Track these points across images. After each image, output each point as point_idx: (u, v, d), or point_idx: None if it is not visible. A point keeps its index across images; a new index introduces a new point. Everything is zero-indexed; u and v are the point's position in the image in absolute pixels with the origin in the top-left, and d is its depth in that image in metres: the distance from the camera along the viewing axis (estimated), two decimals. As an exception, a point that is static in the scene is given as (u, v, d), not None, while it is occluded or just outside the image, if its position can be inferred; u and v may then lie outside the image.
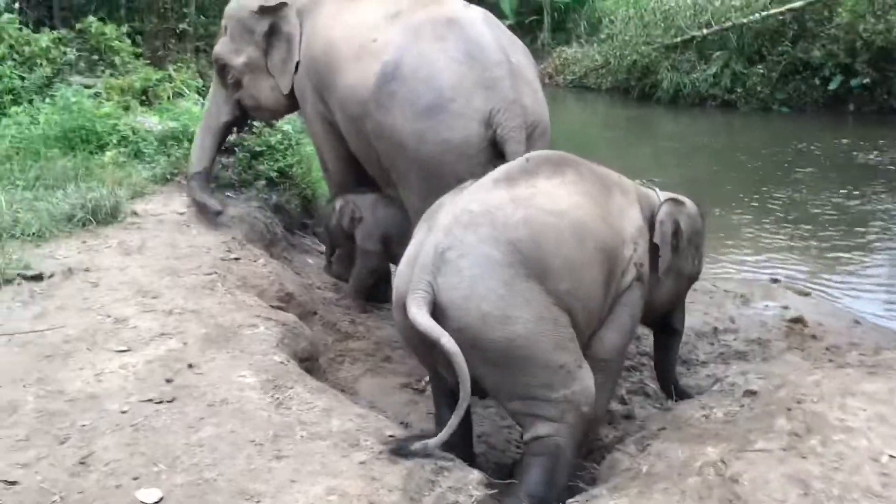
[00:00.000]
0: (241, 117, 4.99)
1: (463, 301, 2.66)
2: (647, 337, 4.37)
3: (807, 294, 5.16)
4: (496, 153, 3.51)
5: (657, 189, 3.47)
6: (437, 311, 2.67)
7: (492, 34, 3.77)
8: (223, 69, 4.75)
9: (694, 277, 3.61)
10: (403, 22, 3.84)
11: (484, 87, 3.55)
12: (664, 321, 3.64)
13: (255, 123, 5.60)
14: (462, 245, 2.71)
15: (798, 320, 4.52)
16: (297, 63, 4.40)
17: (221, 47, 4.73)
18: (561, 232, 2.78)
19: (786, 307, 4.76)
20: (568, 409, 2.75)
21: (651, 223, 3.24)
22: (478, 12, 3.92)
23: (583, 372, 2.80)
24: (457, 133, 3.53)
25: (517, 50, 3.87)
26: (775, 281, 5.38)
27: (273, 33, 4.51)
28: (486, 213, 2.77)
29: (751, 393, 2.87)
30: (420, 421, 3.54)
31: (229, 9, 4.76)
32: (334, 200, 4.60)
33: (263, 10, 4.48)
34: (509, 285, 2.67)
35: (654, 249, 3.22)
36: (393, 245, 4.32)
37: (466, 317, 2.66)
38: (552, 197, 2.86)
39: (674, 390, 3.65)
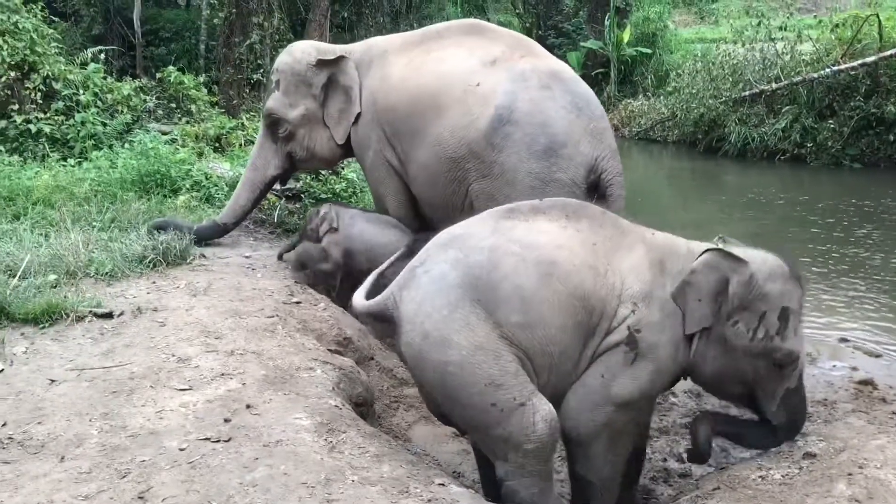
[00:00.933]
0: (289, 170, 5.15)
1: (412, 315, 2.74)
2: (707, 394, 4.28)
3: (878, 356, 4.99)
4: (591, 195, 3.91)
5: (724, 245, 3.11)
6: (396, 325, 2.79)
7: (587, 88, 4.22)
8: (275, 123, 4.92)
9: (763, 355, 2.95)
10: (506, 69, 4.13)
11: (591, 136, 3.98)
12: (754, 405, 3.11)
13: (322, 171, 5.75)
14: (429, 262, 2.81)
15: (867, 382, 4.35)
16: (359, 114, 4.59)
17: (274, 102, 4.90)
18: (521, 263, 2.74)
19: (854, 368, 4.61)
20: (509, 449, 2.73)
21: None
22: (567, 66, 4.33)
23: (524, 410, 2.67)
24: (567, 175, 3.92)
25: (599, 103, 4.28)
26: (844, 341, 5.21)
27: (331, 85, 4.73)
28: (461, 237, 2.85)
29: (810, 455, 2.78)
30: (471, 471, 3.53)
31: (282, 64, 4.92)
32: (320, 206, 4.78)
33: (322, 63, 4.73)
34: (454, 307, 2.66)
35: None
36: (354, 260, 4.55)
37: (412, 332, 2.73)
38: (533, 233, 2.85)
39: (690, 454, 3.28)
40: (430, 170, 4.32)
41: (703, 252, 2.95)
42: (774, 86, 11.90)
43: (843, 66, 11.18)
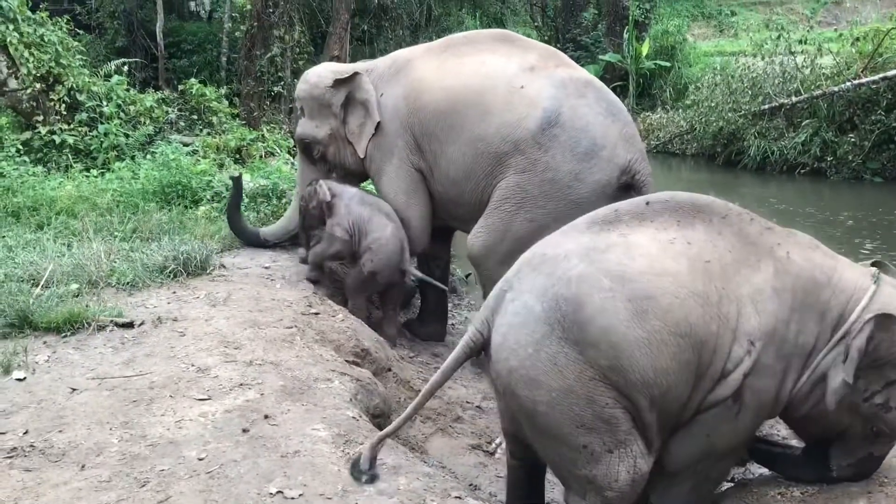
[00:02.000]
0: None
1: (498, 347, 2.56)
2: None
3: (898, 372, 4.93)
4: (622, 195, 3.89)
5: (882, 282, 2.62)
6: (487, 351, 2.62)
7: (615, 97, 4.53)
8: (307, 147, 5.11)
9: (868, 419, 2.62)
10: (546, 76, 4.41)
11: (624, 140, 4.29)
12: (824, 448, 2.77)
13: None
14: (518, 288, 2.57)
15: (887, 399, 4.31)
16: (378, 125, 4.74)
17: (302, 127, 5.12)
18: (611, 299, 2.42)
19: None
20: (590, 490, 2.56)
21: (834, 326, 2.57)
22: (594, 76, 4.62)
23: (612, 457, 2.49)
24: (604, 176, 4.21)
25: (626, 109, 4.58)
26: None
27: (349, 102, 4.89)
28: (552, 261, 2.56)
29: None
30: (488, 484, 3.53)
31: (301, 92, 5.16)
32: (314, 183, 4.82)
33: (338, 83, 4.90)
34: (539, 345, 2.45)
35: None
36: (358, 240, 4.59)
37: (497, 364, 2.56)
38: (630, 255, 2.50)
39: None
40: (466, 166, 4.50)
41: (870, 319, 2.49)
42: (794, 99, 11.84)
43: (863, 80, 11.12)
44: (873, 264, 2.77)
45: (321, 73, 5.08)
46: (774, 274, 2.54)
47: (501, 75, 4.46)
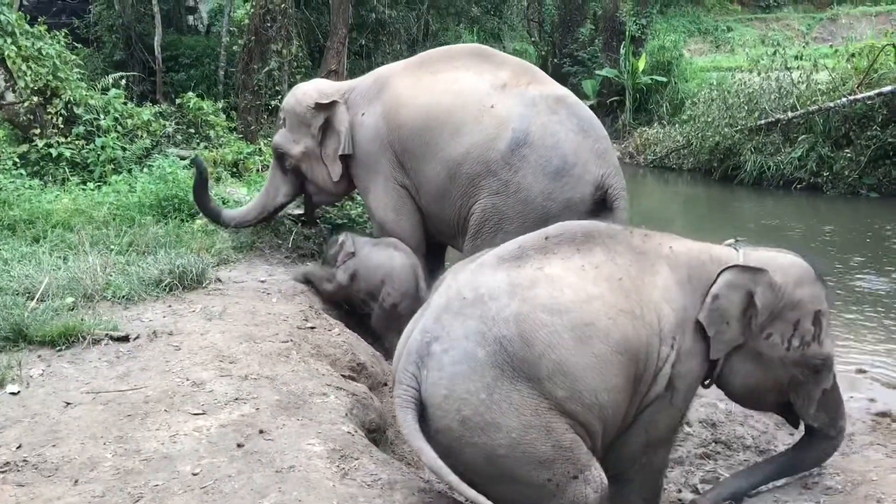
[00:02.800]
0: (296, 198, 5.53)
1: (442, 401, 2.50)
2: (723, 424, 4.25)
3: (896, 387, 4.94)
4: (597, 209, 4.23)
5: (743, 250, 3.00)
6: (422, 408, 2.54)
7: (589, 111, 4.55)
8: (281, 157, 5.24)
9: (800, 363, 2.91)
10: (518, 94, 4.42)
11: (597, 156, 4.31)
12: (789, 411, 3.10)
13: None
14: (448, 337, 2.55)
15: (885, 414, 4.32)
16: (349, 155, 4.90)
17: (280, 138, 5.25)
18: (556, 333, 2.51)
19: (872, 399, 4.56)
20: None
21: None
22: (569, 91, 4.64)
23: (577, 482, 2.53)
24: (577, 193, 4.25)
25: (601, 124, 4.59)
26: (861, 371, 5.16)
27: (327, 127, 4.99)
28: (477, 303, 2.57)
29: (828, 489, 2.75)
30: (484, 499, 3.50)
31: (286, 103, 5.28)
32: (339, 234, 5.03)
33: (319, 107, 4.99)
34: (492, 389, 2.45)
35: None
36: (358, 283, 4.75)
37: (445, 418, 2.50)
38: (556, 287, 2.59)
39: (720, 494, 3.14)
40: (441, 185, 4.53)
41: (723, 270, 2.82)
42: (790, 115, 11.89)
43: (859, 96, 11.17)
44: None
45: (307, 92, 5.15)
46: (670, 270, 2.78)
47: (472, 93, 4.47)
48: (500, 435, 2.45)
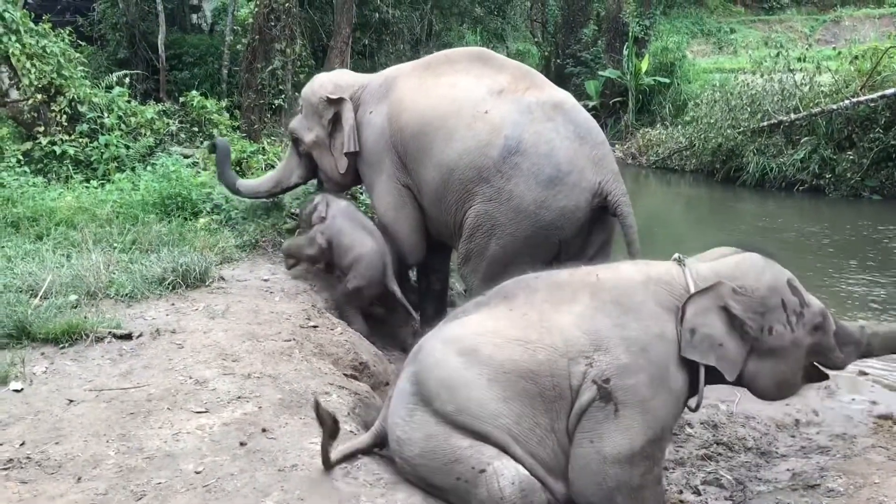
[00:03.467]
0: (309, 181, 5.67)
1: (389, 427, 2.94)
2: (724, 426, 4.26)
3: (897, 389, 4.93)
4: (596, 216, 4.26)
5: (688, 266, 3.02)
6: None
7: (587, 115, 4.48)
8: (295, 141, 5.42)
9: (809, 330, 3.00)
10: (513, 101, 4.38)
11: (593, 163, 4.23)
12: (820, 373, 3.21)
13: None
14: (399, 380, 3.03)
15: (887, 416, 4.32)
16: (356, 151, 4.99)
17: (296, 123, 5.43)
18: (442, 356, 2.85)
19: (874, 402, 4.56)
20: None
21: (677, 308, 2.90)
22: (569, 96, 4.57)
23: (486, 475, 2.70)
24: (571, 201, 4.18)
25: (600, 129, 4.51)
26: (863, 374, 5.16)
27: (337, 121, 5.09)
28: (417, 349, 3.01)
29: (830, 491, 2.75)
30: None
31: (305, 91, 5.44)
32: (316, 194, 5.21)
33: (329, 101, 5.09)
34: (411, 412, 2.85)
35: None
36: (335, 251, 4.86)
37: (391, 441, 2.93)
38: (462, 325, 2.97)
39: None
40: (437, 189, 4.54)
41: (685, 304, 2.86)
42: (793, 116, 11.88)
43: (862, 98, 11.17)
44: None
45: (323, 83, 5.25)
46: (591, 297, 2.90)
47: (467, 99, 4.46)
48: (413, 447, 2.82)
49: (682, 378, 2.86)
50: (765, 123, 12.21)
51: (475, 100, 4.43)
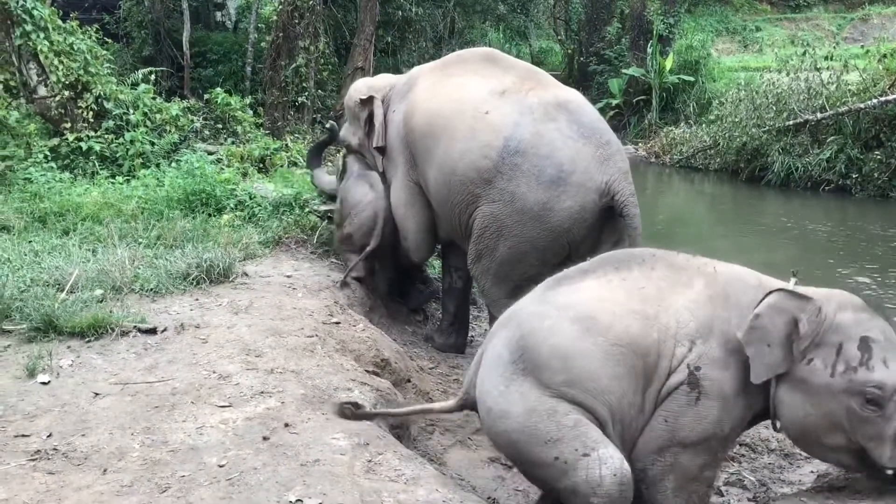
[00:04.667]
0: None
1: (479, 395, 2.90)
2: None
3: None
4: (606, 216, 4.19)
5: (796, 283, 2.97)
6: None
7: (595, 114, 4.40)
8: (348, 148, 5.56)
9: (849, 391, 2.64)
10: (515, 101, 4.36)
11: (599, 162, 4.13)
12: (866, 460, 2.70)
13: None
14: (490, 344, 2.96)
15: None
16: (383, 146, 5.09)
17: (344, 131, 5.62)
18: (555, 323, 2.77)
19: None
20: (575, 500, 2.70)
21: None
22: (576, 95, 4.52)
23: (589, 461, 2.66)
24: (576, 202, 4.13)
25: (609, 128, 4.44)
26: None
27: (370, 120, 5.20)
28: (512, 315, 2.95)
29: (856, 493, 2.72)
30: (506, 497, 3.51)
31: (346, 98, 5.65)
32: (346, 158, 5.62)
33: (362, 102, 5.23)
34: (508, 381, 2.78)
35: None
36: (343, 206, 5.24)
37: (482, 409, 2.89)
38: (573, 293, 2.87)
39: None
40: (441, 189, 4.59)
41: (769, 293, 2.77)
42: (819, 115, 11.75)
43: (890, 97, 11.02)
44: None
45: (358, 88, 5.41)
46: (705, 285, 2.87)
47: (470, 100, 4.47)
48: (510, 422, 2.75)
49: (757, 394, 2.78)
50: (790, 122, 12.09)
51: (477, 101, 4.44)
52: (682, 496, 2.82)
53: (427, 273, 5.83)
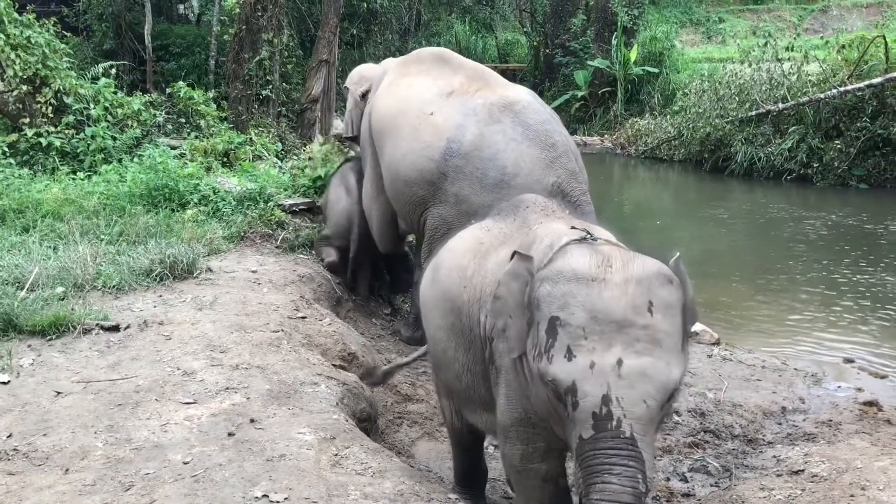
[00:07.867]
0: None
1: None
2: (711, 413, 4.29)
3: (883, 377, 4.97)
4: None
5: (589, 235, 2.35)
6: None
7: (542, 115, 4.31)
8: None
9: (539, 380, 2.13)
10: (460, 103, 4.35)
11: (545, 164, 4.04)
12: None
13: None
14: None
15: (872, 403, 4.35)
16: (351, 136, 5.26)
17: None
18: (427, 269, 3.03)
19: (860, 389, 4.61)
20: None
21: None
22: (524, 95, 4.43)
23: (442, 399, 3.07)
24: None
25: (560, 125, 4.39)
26: (849, 361, 5.20)
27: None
28: None
29: (813, 476, 2.77)
30: (474, 488, 3.52)
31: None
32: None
33: (346, 90, 5.39)
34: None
35: None
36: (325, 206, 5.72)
37: None
38: (454, 239, 3.01)
39: None
40: (390, 188, 4.65)
41: (512, 255, 2.30)
42: (781, 106, 11.91)
43: (849, 87, 11.20)
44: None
45: (351, 74, 5.53)
46: (517, 243, 2.51)
47: (416, 100, 4.50)
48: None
49: None
50: (753, 113, 12.24)
51: (423, 101, 4.46)
52: (517, 487, 2.59)
53: (412, 262, 5.81)
